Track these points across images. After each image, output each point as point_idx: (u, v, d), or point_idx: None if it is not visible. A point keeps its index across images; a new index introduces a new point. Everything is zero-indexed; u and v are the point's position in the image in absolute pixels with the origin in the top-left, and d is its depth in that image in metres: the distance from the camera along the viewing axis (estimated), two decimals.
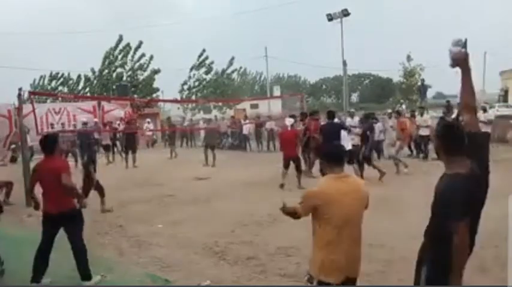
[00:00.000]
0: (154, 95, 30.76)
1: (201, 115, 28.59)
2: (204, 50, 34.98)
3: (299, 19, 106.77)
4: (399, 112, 11.89)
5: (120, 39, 29.99)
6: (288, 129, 9.38)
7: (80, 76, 33.94)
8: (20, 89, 8.64)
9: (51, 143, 4.26)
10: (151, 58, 29.96)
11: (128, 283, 4.28)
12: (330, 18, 22.50)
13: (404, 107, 24.53)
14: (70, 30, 78.78)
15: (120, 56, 30.12)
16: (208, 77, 35.74)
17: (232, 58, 37.59)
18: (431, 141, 12.34)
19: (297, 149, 9.42)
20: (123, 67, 30.09)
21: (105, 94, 27.98)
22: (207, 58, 35.22)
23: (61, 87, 35.03)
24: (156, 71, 30.27)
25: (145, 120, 21.68)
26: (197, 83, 35.64)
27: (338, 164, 2.76)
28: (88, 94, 31.31)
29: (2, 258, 4.52)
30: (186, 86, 35.69)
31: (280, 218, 5.87)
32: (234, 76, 41.28)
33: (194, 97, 34.48)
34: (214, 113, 31.00)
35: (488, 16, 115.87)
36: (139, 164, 13.43)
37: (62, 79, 35.39)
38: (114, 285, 4.27)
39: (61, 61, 72.49)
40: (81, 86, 34.08)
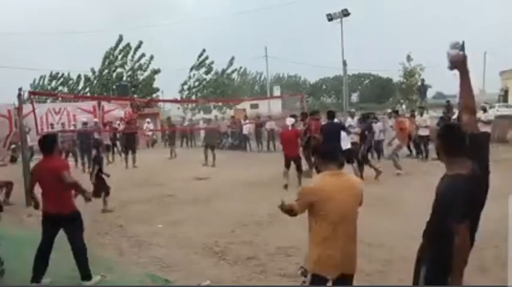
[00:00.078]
0: (154, 95, 30.75)
1: (201, 115, 28.59)
2: (204, 50, 35.04)
3: (299, 19, 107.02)
4: (397, 112, 11.83)
5: (120, 39, 30.00)
6: (289, 129, 9.38)
7: (80, 76, 33.97)
8: (20, 89, 8.64)
9: (49, 143, 4.26)
10: (151, 58, 29.97)
11: (128, 283, 4.28)
12: (330, 18, 22.50)
13: (404, 107, 24.53)
14: (70, 30, 78.92)
15: (120, 56, 30.12)
16: (208, 77, 35.76)
17: (232, 58, 37.66)
18: (430, 141, 12.35)
19: (298, 149, 9.42)
20: (123, 67, 30.08)
21: (105, 94, 27.98)
22: (207, 58, 35.25)
23: (61, 87, 35.04)
24: (156, 71, 30.27)
25: (145, 120, 21.68)
26: (197, 83, 35.65)
27: (333, 161, 2.80)
28: (88, 94, 31.32)
29: (2, 258, 4.52)
30: (186, 86, 35.71)
31: (280, 218, 5.87)
32: (234, 76, 41.32)
33: (194, 97, 34.49)
34: (214, 113, 31.02)
35: (488, 16, 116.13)
36: (139, 164, 13.43)
37: (62, 79, 35.41)
38: (114, 285, 4.27)
39: (61, 61, 72.65)
40: (81, 86, 34.09)
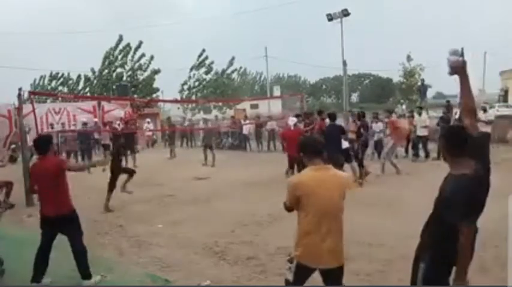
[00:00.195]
0: (154, 95, 30.78)
1: (201, 115, 28.61)
2: (204, 50, 35.08)
3: (299, 19, 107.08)
4: (390, 111, 11.46)
5: (120, 39, 30.02)
6: (291, 128, 9.38)
7: (80, 76, 34.04)
8: (20, 89, 8.64)
9: (44, 143, 4.27)
10: (151, 58, 30.01)
11: (128, 283, 4.28)
12: (330, 18, 22.47)
13: (404, 107, 24.51)
14: (70, 30, 78.96)
15: (120, 56, 30.15)
16: (208, 77, 35.79)
17: (232, 58, 37.70)
18: (429, 141, 12.32)
19: None
20: (123, 67, 30.11)
21: (105, 94, 27.99)
22: (207, 58, 35.30)
23: (61, 87, 35.10)
24: (156, 71, 30.29)
25: (145, 120, 21.68)
26: (197, 83, 35.68)
27: (317, 156, 2.88)
28: (88, 94, 31.35)
29: (2, 258, 4.52)
30: (186, 86, 35.75)
31: (280, 218, 5.88)
32: (234, 76, 41.35)
33: (194, 97, 34.52)
34: (214, 113, 31.05)
35: (488, 16, 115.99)
36: (139, 164, 13.42)
37: (62, 79, 35.46)
38: (114, 285, 4.27)
39: (61, 61, 72.83)
40: (81, 86, 34.13)
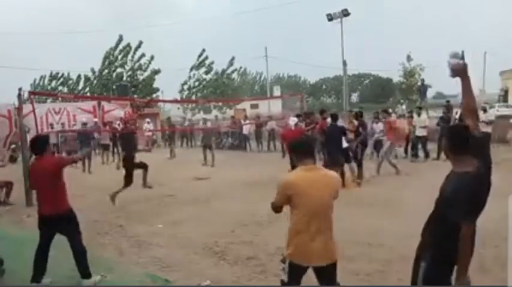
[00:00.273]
0: (154, 95, 30.79)
1: (201, 115, 28.63)
2: (204, 50, 35.10)
3: (299, 19, 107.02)
4: (387, 111, 11.32)
5: (120, 39, 30.04)
6: (292, 129, 9.39)
7: (80, 76, 34.10)
8: (20, 89, 8.64)
9: (40, 143, 4.27)
10: (151, 58, 30.02)
11: (128, 283, 4.28)
12: (330, 18, 22.50)
13: (404, 107, 24.50)
14: (70, 30, 78.94)
15: (120, 56, 30.16)
16: (208, 77, 35.81)
17: (232, 58, 37.75)
18: (429, 141, 12.30)
19: None
20: (123, 67, 30.12)
21: (105, 94, 28.00)
22: (207, 58, 35.33)
23: (61, 87, 35.14)
24: (156, 71, 30.30)
25: (144, 120, 21.67)
26: (197, 83, 35.71)
27: (308, 156, 2.91)
28: (88, 94, 31.37)
29: (2, 258, 4.52)
30: (186, 86, 35.79)
31: (280, 218, 5.87)
32: (234, 76, 41.38)
33: (194, 97, 34.55)
34: (214, 113, 31.06)
35: (488, 16, 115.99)
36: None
37: (62, 79, 35.49)
38: (114, 285, 4.27)
39: (61, 61, 72.84)
40: (81, 86, 34.17)
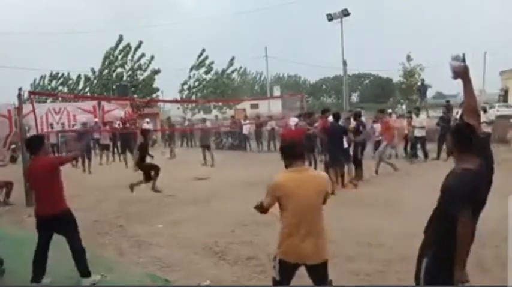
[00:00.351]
0: (154, 95, 30.80)
1: (201, 115, 28.64)
2: (204, 50, 35.10)
3: (299, 19, 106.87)
4: (383, 111, 11.18)
5: (120, 39, 30.05)
6: (292, 129, 9.42)
7: (80, 76, 34.12)
8: (20, 89, 8.64)
9: (36, 143, 4.28)
10: (152, 58, 30.03)
11: (128, 283, 4.28)
12: (330, 18, 22.49)
13: (404, 107, 24.49)
14: (70, 30, 78.91)
15: (120, 56, 30.17)
16: (208, 77, 35.81)
17: (232, 58, 37.75)
18: (428, 141, 12.27)
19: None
20: (123, 67, 30.13)
21: (105, 94, 28.01)
22: (207, 58, 35.34)
23: (61, 87, 35.16)
24: (156, 71, 30.31)
25: (144, 120, 21.66)
26: (197, 83, 35.71)
27: (297, 158, 2.98)
28: (88, 94, 31.38)
29: (2, 258, 4.52)
30: (186, 86, 35.78)
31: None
32: (234, 76, 41.38)
33: (194, 97, 34.55)
34: (214, 113, 31.06)
35: (488, 16, 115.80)
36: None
37: (62, 79, 35.50)
38: (114, 285, 4.27)
39: (61, 61, 72.90)
40: (81, 86, 34.19)
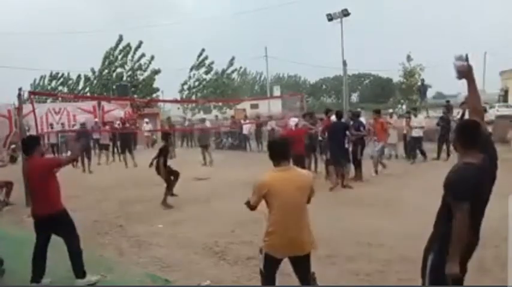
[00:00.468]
0: (154, 95, 30.80)
1: (201, 115, 28.64)
2: (204, 50, 35.06)
3: (299, 19, 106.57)
4: (379, 111, 10.98)
5: (120, 39, 30.05)
6: (293, 129, 9.45)
7: (80, 76, 34.11)
8: (20, 89, 8.64)
9: (31, 143, 4.28)
10: (152, 58, 30.02)
11: (128, 283, 4.28)
12: (330, 18, 22.45)
13: (404, 107, 24.46)
14: (70, 30, 78.72)
15: (120, 56, 30.17)
16: (208, 77, 35.80)
17: (232, 58, 37.73)
18: (430, 141, 12.27)
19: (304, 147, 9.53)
20: (123, 67, 30.13)
21: (105, 94, 28.02)
22: (207, 58, 35.32)
23: (61, 87, 35.15)
24: (156, 71, 30.30)
25: (143, 120, 21.68)
26: (197, 83, 35.69)
27: (283, 157, 3.14)
28: (88, 94, 31.38)
29: (2, 258, 4.52)
30: (186, 86, 35.76)
31: None
32: (234, 76, 41.36)
33: (194, 97, 34.53)
34: (214, 113, 31.04)
35: (488, 16, 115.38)
36: (139, 164, 13.42)
37: (62, 79, 35.49)
38: (114, 285, 4.27)
39: (61, 61, 72.89)
40: (81, 86, 34.18)
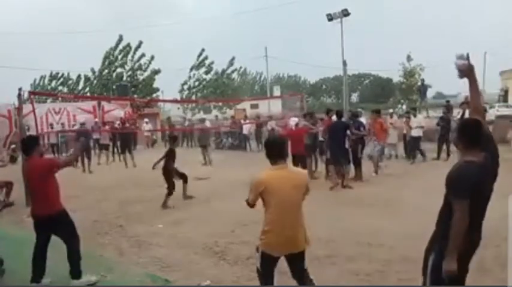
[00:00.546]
0: (154, 95, 30.79)
1: (201, 115, 28.64)
2: (203, 50, 35.04)
3: (299, 19, 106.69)
4: (378, 111, 10.90)
5: (120, 39, 30.04)
6: (293, 128, 9.46)
7: (80, 76, 34.09)
8: (20, 89, 8.64)
9: (29, 144, 4.27)
10: (152, 58, 30.01)
11: (128, 283, 4.28)
12: (330, 18, 22.43)
13: (404, 108, 24.44)
14: (70, 30, 78.69)
15: (120, 56, 30.16)
16: (208, 77, 35.79)
17: (232, 58, 37.72)
18: (430, 141, 12.26)
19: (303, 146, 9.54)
20: (123, 67, 30.12)
21: (105, 94, 28.01)
22: (207, 58, 35.30)
23: (61, 87, 35.14)
24: (156, 71, 30.30)
25: (143, 120, 21.68)
26: (197, 83, 35.68)
27: (280, 156, 3.18)
28: (88, 94, 31.37)
29: (2, 258, 4.52)
30: (186, 86, 35.74)
31: None
32: (234, 76, 41.36)
33: (194, 97, 34.52)
34: (214, 113, 31.03)
35: (488, 16, 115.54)
36: (139, 164, 13.42)
37: (62, 79, 35.48)
38: (114, 285, 4.27)
39: (61, 61, 72.89)
40: (81, 86, 34.17)
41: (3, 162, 8.99)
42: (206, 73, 35.63)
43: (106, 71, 30.47)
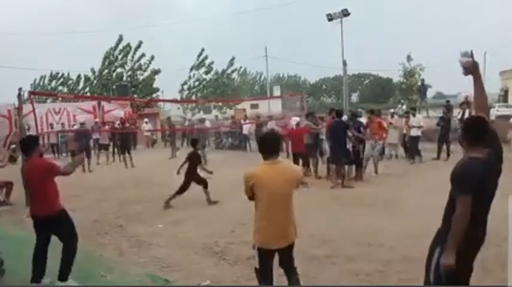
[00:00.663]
0: (154, 95, 30.79)
1: (201, 115, 28.62)
2: (203, 50, 35.03)
3: (299, 19, 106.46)
4: (372, 111, 10.77)
5: (120, 39, 30.04)
6: (294, 128, 9.47)
7: (80, 76, 34.06)
8: (20, 89, 8.64)
9: (30, 144, 4.26)
10: (152, 58, 30.01)
11: (128, 283, 4.28)
12: (330, 18, 22.46)
13: (404, 108, 24.41)
14: (70, 30, 78.55)
15: (120, 56, 30.16)
16: (208, 77, 35.79)
17: (232, 58, 37.70)
18: (429, 141, 12.26)
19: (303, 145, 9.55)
20: (123, 67, 30.12)
21: (105, 94, 28.01)
22: (207, 58, 35.29)
23: (61, 87, 35.12)
24: (156, 71, 30.30)
25: (143, 120, 21.68)
26: (197, 83, 35.68)
27: (273, 152, 3.23)
28: (88, 94, 31.37)
29: (2, 258, 4.51)
30: (186, 86, 35.73)
31: None
32: (234, 76, 41.33)
33: (194, 97, 34.51)
34: (214, 113, 31.01)
35: (488, 16, 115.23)
36: (139, 164, 13.42)
37: (62, 79, 35.47)
38: (114, 285, 4.27)
39: (61, 61, 72.76)
40: (81, 86, 34.16)
41: (2, 162, 8.98)
42: (206, 73, 35.62)
43: (106, 71, 30.47)
